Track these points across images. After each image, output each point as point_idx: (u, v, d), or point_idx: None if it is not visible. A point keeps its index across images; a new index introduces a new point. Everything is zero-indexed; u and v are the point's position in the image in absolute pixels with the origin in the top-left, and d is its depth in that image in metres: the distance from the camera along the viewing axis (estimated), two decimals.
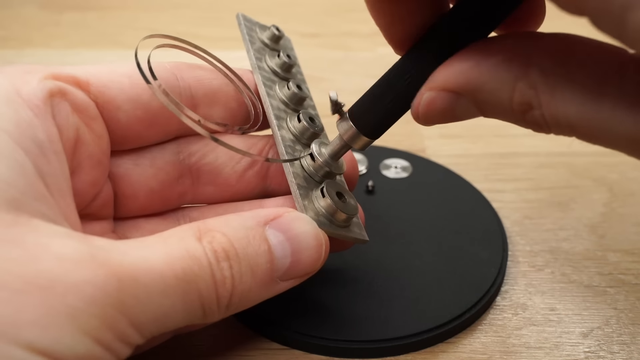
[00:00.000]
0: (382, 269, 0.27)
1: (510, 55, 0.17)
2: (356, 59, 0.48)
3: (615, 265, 0.29)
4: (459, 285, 0.26)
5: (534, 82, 0.17)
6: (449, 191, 0.32)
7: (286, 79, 0.27)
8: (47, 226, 0.17)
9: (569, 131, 0.17)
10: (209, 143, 0.25)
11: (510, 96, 0.17)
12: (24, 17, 0.53)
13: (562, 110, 0.17)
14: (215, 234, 0.19)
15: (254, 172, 0.25)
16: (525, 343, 0.25)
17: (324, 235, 0.21)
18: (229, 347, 0.25)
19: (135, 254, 0.17)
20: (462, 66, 0.18)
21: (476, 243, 0.29)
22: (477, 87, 0.18)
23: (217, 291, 0.18)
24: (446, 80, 0.19)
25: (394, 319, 0.25)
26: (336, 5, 0.56)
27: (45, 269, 0.16)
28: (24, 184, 0.17)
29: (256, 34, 0.28)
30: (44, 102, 0.19)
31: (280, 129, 0.24)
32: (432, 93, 0.19)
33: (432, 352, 0.25)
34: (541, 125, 0.17)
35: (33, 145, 0.18)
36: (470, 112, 0.19)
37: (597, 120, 0.16)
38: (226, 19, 0.53)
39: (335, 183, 0.24)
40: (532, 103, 0.17)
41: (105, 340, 0.16)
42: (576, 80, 0.16)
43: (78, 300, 0.16)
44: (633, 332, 0.25)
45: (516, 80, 0.17)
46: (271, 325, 0.25)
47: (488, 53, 0.18)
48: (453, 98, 0.19)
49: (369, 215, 0.30)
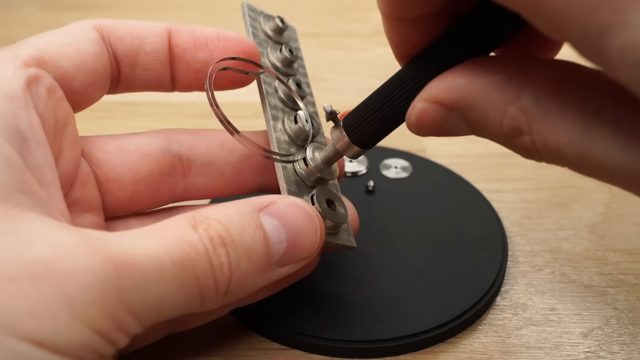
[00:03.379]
0: (382, 269, 0.27)
1: (505, 76, 0.17)
2: (356, 59, 0.48)
3: (615, 265, 0.29)
4: (459, 285, 0.26)
5: (526, 107, 0.16)
6: (449, 191, 0.32)
7: (287, 74, 0.26)
8: (39, 218, 0.17)
9: (560, 160, 0.17)
10: (199, 133, 0.25)
11: (501, 119, 0.17)
12: (24, 17, 0.53)
13: (553, 138, 0.16)
14: (210, 221, 0.19)
15: (249, 164, 0.25)
16: (525, 343, 0.25)
17: (320, 219, 0.21)
18: (228, 346, 0.25)
19: (131, 242, 0.17)
20: (456, 81, 0.18)
21: (476, 243, 0.29)
22: (468, 105, 0.18)
23: (214, 277, 0.18)
24: (439, 93, 0.18)
25: (394, 318, 0.25)
26: (336, 5, 0.56)
27: (40, 256, 0.15)
28: (11, 177, 0.17)
29: (260, 24, 0.27)
30: (23, 93, 0.19)
31: (276, 130, 0.24)
32: (424, 104, 0.19)
33: (432, 352, 0.25)
34: (531, 151, 0.17)
35: (16, 137, 0.18)
36: (461, 129, 0.19)
37: (590, 151, 0.15)
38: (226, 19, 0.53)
39: (326, 189, 0.24)
40: (523, 128, 0.17)
41: (103, 329, 0.16)
42: (570, 108, 0.16)
43: (74, 287, 0.15)
44: (633, 332, 0.25)
45: (508, 104, 0.17)
46: (271, 325, 0.25)
47: (484, 71, 0.17)
48: (445, 112, 0.18)
49: (369, 215, 0.30)
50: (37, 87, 0.20)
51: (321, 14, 0.55)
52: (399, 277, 0.27)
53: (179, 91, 0.26)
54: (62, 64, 0.21)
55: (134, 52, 0.24)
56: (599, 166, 0.15)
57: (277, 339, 0.25)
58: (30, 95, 0.19)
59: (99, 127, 0.33)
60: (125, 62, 0.24)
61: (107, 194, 0.24)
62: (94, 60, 0.22)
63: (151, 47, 0.24)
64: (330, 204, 0.23)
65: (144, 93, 0.26)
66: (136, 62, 0.24)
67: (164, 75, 0.24)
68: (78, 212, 0.22)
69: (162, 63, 0.24)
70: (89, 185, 0.23)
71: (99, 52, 0.23)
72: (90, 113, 0.24)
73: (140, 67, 0.24)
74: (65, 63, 0.21)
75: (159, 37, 0.24)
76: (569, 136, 0.16)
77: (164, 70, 0.24)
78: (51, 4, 0.55)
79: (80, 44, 0.22)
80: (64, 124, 0.21)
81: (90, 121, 0.27)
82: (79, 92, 0.22)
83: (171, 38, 0.24)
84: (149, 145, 0.24)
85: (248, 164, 0.25)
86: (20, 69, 0.20)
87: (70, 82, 0.22)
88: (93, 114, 0.24)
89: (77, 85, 0.22)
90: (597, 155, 0.15)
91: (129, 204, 0.24)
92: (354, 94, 0.43)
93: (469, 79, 0.18)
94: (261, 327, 0.25)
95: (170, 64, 0.24)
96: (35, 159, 0.18)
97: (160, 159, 0.24)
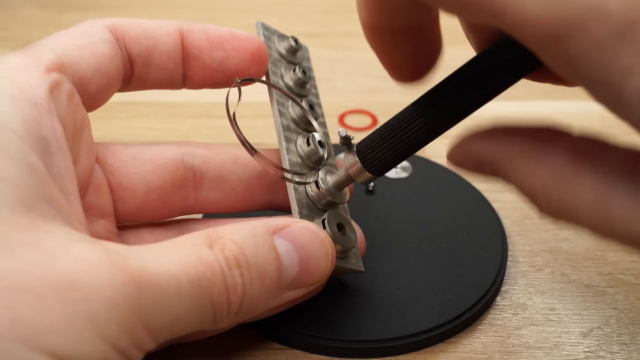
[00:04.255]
0: (382, 269, 0.27)
1: (531, 146, 0.17)
2: (356, 59, 0.48)
3: (615, 265, 0.29)
4: (459, 285, 0.26)
5: (543, 179, 0.17)
6: (449, 191, 0.32)
7: (300, 95, 0.27)
8: (62, 229, 0.17)
9: (577, 226, 0.17)
10: (214, 147, 0.25)
11: (520, 184, 0.17)
12: (24, 17, 0.53)
13: (569, 207, 0.16)
14: (226, 241, 0.19)
15: (260, 182, 0.26)
16: (525, 343, 0.25)
17: (331, 245, 0.22)
18: (229, 346, 0.25)
19: (151, 259, 0.17)
20: (486, 145, 0.18)
21: (476, 243, 0.29)
22: (495, 167, 0.18)
23: (228, 297, 0.18)
24: (472, 151, 0.19)
25: (394, 319, 0.25)
26: (336, 5, 0.56)
27: (65, 270, 0.16)
28: (35, 186, 0.17)
29: (274, 44, 0.28)
30: (47, 100, 0.19)
31: (289, 152, 0.24)
32: (456, 154, 0.19)
33: (432, 352, 0.25)
34: (546, 215, 0.17)
35: (40, 144, 0.18)
36: (491, 175, 0.19)
37: (604, 220, 0.16)
38: (226, 19, 0.53)
39: (337, 213, 0.24)
40: (538, 195, 0.17)
41: (122, 345, 0.16)
42: (585, 181, 0.16)
43: (98, 304, 0.15)
44: (633, 332, 0.25)
45: (528, 173, 0.17)
46: (272, 325, 0.25)
47: (514, 138, 0.18)
48: (475, 162, 0.19)
49: (369, 215, 0.30)
50: (59, 93, 0.20)
51: (321, 14, 0.55)
52: (399, 277, 0.27)
53: (190, 89, 0.26)
54: (79, 67, 0.21)
55: (148, 52, 0.24)
56: (615, 234, 0.16)
57: (277, 339, 0.25)
58: (53, 102, 0.19)
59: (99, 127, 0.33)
60: (139, 62, 0.24)
61: (118, 202, 0.24)
62: (109, 63, 0.23)
63: (165, 47, 0.24)
64: (340, 229, 0.23)
65: (144, 93, 0.26)
66: (150, 61, 0.24)
67: (176, 73, 0.25)
68: (92, 217, 0.22)
69: (175, 62, 0.24)
70: (103, 190, 0.23)
71: (113, 54, 0.23)
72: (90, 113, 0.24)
73: (154, 67, 0.24)
74: (82, 66, 0.21)
75: (171, 36, 0.24)
76: (583, 206, 0.16)
77: (176, 69, 0.25)
78: (51, 4, 0.55)
79: (96, 46, 0.22)
80: (81, 129, 0.21)
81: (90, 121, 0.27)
82: (94, 95, 0.22)
83: (184, 37, 0.24)
84: (163, 156, 0.24)
85: (259, 181, 0.25)
86: (44, 74, 0.20)
87: (87, 85, 0.22)
88: (93, 114, 0.24)
89: (93, 88, 0.22)
90: (612, 224, 0.15)
91: (139, 212, 0.24)
92: (354, 94, 0.43)
93: (499, 145, 0.18)
94: (262, 327, 0.25)
95: (184, 63, 0.25)
96: (57, 166, 0.18)
97: (173, 171, 0.24)
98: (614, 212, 0.15)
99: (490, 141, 0.18)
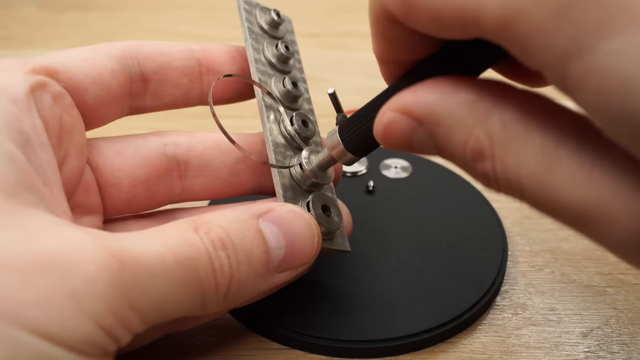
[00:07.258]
0: (382, 269, 0.27)
1: (477, 97, 0.16)
2: (356, 59, 0.48)
3: (614, 265, 0.29)
4: (459, 285, 0.26)
5: (492, 131, 0.16)
6: (449, 191, 0.32)
7: (283, 71, 0.26)
8: (45, 215, 0.17)
9: (518, 193, 0.16)
10: (196, 134, 0.26)
11: (465, 140, 0.16)
12: (24, 17, 0.53)
13: (514, 168, 0.16)
14: (211, 225, 0.19)
15: (245, 166, 0.26)
16: (525, 343, 0.25)
17: (317, 226, 0.22)
18: (228, 346, 0.25)
19: (135, 241, 0.17)
20: (428, 95, 0.17)
21: (476, 243, 0.29)
22: (437, 120, 0.17)
23: (215, 279, 0.19)
24: (410, 105, 0.17)
25: (394, 319, 0.25)
26: (336, 5, 0.56)
27: (48, 248, 0.16)
28: (16, 175, 0.17)
29: (255, 18, 0.27)
30: (27, 97, 0.20)
31: (272, 132, 0.24)
32: (393, 114, 0.18)
33: (432, 352, 0.25)
34: (490, 179, 0.16)
35: (20, 138, 0.18)
36: (427, 147, 0.18)
37: (548, 185, 0.15)
38: (226, 19, 0.53)
39: (322, 195, 0.24)
40: (485, 153, 0.16)
41: (107, 324, 0.16)
42: (534, 139, 0.15)
43: (80, 280, 0.15)
44: (632, 332, 0.25)
45: (475, 125, 0.16)
46: (271, 325, 0.25)
47: (458, 88, 0.17)
48: (413, 125, 0.17)
49: (369, 215, 0.30)
50: (42, 92, 0.20)
51: (321, 14, 0.55)
52: (399, 277, 0.27)
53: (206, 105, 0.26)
54: (76, 75, 0.22)
55: (163, 69, 0.25)
56: (557, 202, 0.15)
57: (277, 339, 0.25)
58: (34, 100, 0.20)
59: None
60: (154, 79, 0.25)
61: (105, 198, 0.24)
62: (110, 76, 0.23)
63: (179, 63, 0.25)
64: (325, 210, 0.23)
65: None
66: (165, 78, 0.25)
67: (192, 89, 0.25)
68: (78, 214, 0.23)
69: (190, 78, 0.25)
70: (92, 191, 0.23)
71: (117, 69, 0.23)
72: None
73: (169, 83, 0.25)
74: (79, 75, 0.22)
75: (184, 53, 0.25)
76: (530, 168, 0.15)
77: (192, 85, 0.25)
78: (51, 4, 0.55)
79: (100, 60, 0.23)
80: (70, 130, 0.22)
81: None
82: (92, 106, 0.23)
83: (199, 54, 0.25)
84: (146, 149, 0.24)
85: (245, 165, 0.26)
86: (26, 75, 0.20)
87: (83, 94, 0.22)
88: None
89: (90, 98, 0.22)
90: (556, 190, 0.15)
91: (126, 206, 0.24)
92: (354, 94, 0.43)
93: (442, 95, 0.17)
94: (261, 327, 0.25)
95: (201, 78, 0.25)
96: (38, 159, 0.19)
97: (157, 162, 0.24)
98: (560, 177, 0.15)
99: (431, 94, 0.17)
